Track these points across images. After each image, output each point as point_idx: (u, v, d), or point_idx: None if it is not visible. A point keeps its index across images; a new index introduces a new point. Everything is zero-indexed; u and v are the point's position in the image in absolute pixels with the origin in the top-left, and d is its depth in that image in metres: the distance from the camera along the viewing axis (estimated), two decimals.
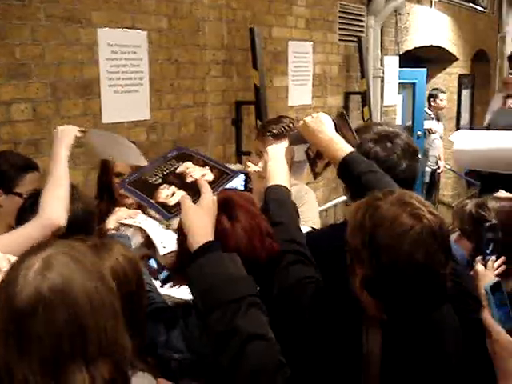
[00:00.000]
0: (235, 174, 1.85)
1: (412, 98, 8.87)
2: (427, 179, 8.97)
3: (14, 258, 1.71)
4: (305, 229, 2.26)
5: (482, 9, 10.76)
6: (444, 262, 1.51)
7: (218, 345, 1.46)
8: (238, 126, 5.03)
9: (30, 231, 2.07)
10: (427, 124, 8.92)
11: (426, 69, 9.09)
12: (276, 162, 2.04)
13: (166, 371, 1.73)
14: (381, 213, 1.52)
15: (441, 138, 9.09)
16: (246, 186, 2.49)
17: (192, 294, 1.57)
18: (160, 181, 1.79)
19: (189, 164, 1.84)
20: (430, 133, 8.96)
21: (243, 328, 1.44)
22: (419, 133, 8.69)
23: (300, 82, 5.85)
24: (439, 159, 9.14)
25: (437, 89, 9.31)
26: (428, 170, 8.95)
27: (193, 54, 4.50)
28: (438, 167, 9.17)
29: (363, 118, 6.60)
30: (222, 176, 1.80)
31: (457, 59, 10.17)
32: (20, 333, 1.18)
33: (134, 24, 3.95)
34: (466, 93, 10.89)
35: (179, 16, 4.35)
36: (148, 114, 4.12)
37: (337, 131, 2.04)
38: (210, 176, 1.78)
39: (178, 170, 1.82)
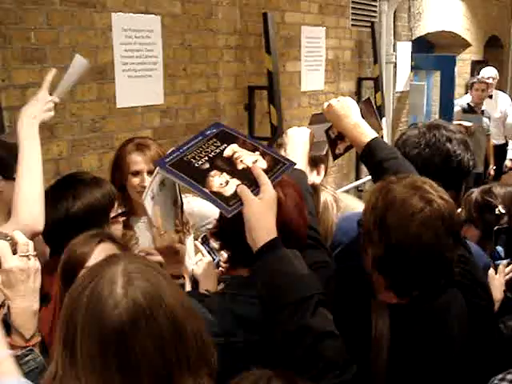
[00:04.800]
0: (291, 164, 1.68)
1: (439, 87, 8.18)
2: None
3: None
4: None
5: None
6: (451, 245, 1.56)
7: (288, 342, 1.45)
8: (251, 111, 5.05)
9: None
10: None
11: (454, 56, 8.45)
12: (295, 145, 2.04)
13: None
14: (392, 195, 1.57)
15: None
16: None
17: (260, 289, 1.52)
18: (208, 165, 1.60)
19: (235, 147, 1.66)
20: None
21: (315, 326, 1.44)
22: None
23: (313, 67, 5.86)
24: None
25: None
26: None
27: (206, 39, 4.51)
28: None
29: (376, 104, 6.59)
30: (276, 165, 1.63)
31: (470, 45, 10.10)
32: (123, 351, 1.10)
33: (147, 8, 3.97)
34: None
35: (192, 1, 4.35)
36: (162, 98, 4.15)
37: (362, 116, 2.07)
38: (263, 163, 1.62)
39: (226, 154, 1.64)
